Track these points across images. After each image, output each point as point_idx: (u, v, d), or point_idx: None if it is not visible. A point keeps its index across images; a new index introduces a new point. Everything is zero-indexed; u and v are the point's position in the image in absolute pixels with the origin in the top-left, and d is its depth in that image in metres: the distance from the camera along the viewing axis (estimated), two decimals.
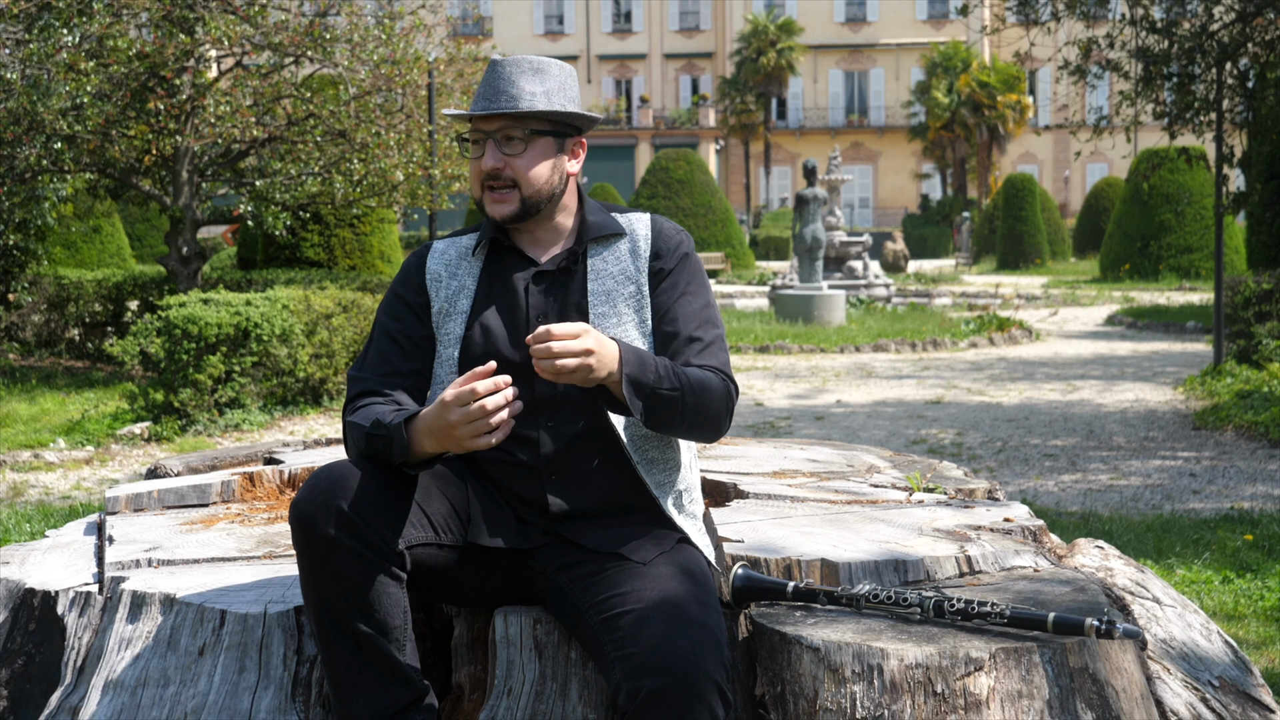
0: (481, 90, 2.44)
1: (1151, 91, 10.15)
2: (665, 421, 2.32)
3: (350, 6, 12.82)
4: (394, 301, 2.52)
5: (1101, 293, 24.15)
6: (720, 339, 2.46)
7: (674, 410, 2.30)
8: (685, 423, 2.34)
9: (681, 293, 2.46)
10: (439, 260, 2.53)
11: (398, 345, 2.47)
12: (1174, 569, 4.98)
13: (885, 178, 56.59)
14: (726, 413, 2.39)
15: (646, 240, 2.49)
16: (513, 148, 2.42)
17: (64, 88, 10.81)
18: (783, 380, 12.67)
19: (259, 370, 9.85)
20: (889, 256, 32.42)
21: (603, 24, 57.26)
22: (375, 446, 2.30)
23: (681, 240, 2.52)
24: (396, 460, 2.29)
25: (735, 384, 2.42)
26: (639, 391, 2.25)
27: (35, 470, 8.42)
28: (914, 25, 55.96)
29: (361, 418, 2.35)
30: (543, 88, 2.42)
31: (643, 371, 2.26)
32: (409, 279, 2.53)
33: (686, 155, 31.84)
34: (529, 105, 2.40)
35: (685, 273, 2.48)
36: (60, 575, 2.79)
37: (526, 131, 2.42)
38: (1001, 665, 2.15)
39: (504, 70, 2.42)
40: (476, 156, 2.45)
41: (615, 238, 2.50)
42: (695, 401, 2.32)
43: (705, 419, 2.36)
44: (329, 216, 14.16)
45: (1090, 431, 9.44)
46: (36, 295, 14.64)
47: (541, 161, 2.44)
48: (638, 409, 2.25)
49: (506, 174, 2.42)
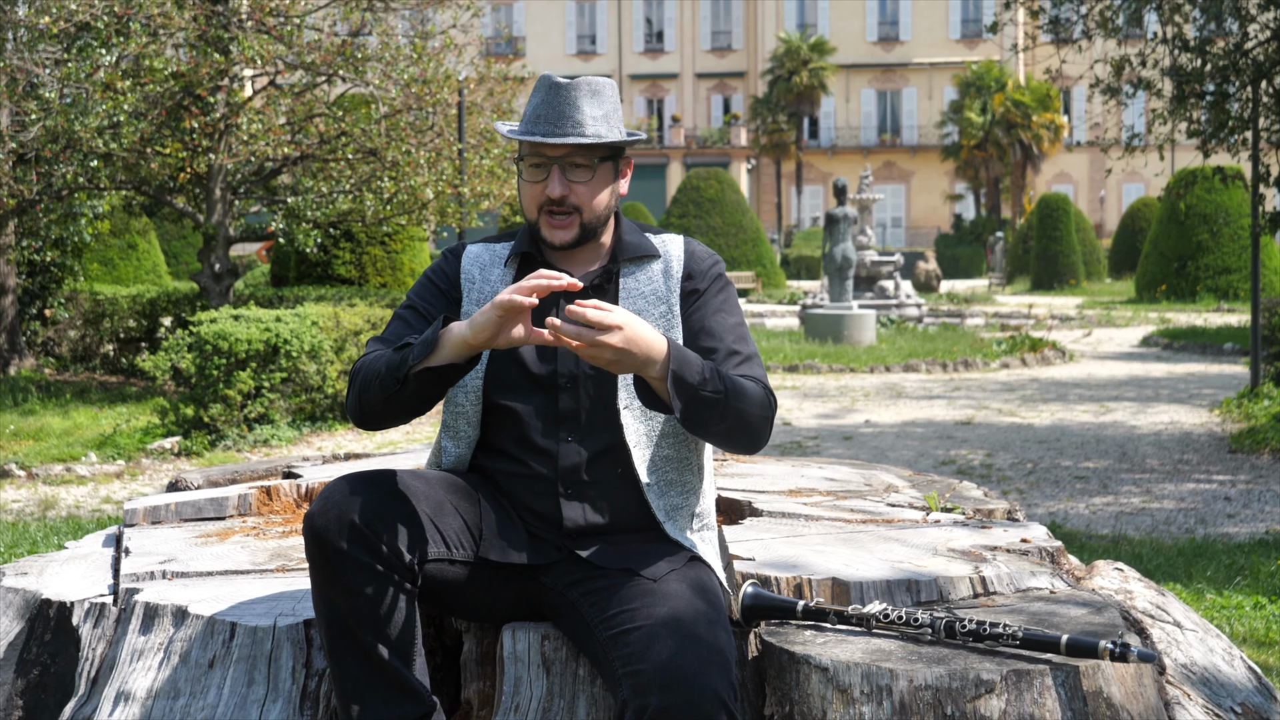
0: (542, 113, 2.39)
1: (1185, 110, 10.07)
2: (703, 424, 2.27)
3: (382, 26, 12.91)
4: (425, 285, 2.51)
5: (1137, 314, 23.96)
6: (756, 356, 2.44)
7: (714, 413, 2.25)
8: (724, 427, 2.29)
9: (717, 310, 2.45)
10: (473, 262, 2.52)
11: (421, 318, 2.46)
12: (1204, 594, 4.91)
13: (918, 197, 56.43)
14: (766, 423, 2.34)
15: (679, 261, 2.48)
16: (579, 175, 2.39)
17: (101, 106, 10.94)
18: (811, 400, 12.62)
19: (288, 386, 9.90)
20: (921, 276, 32.29)
21: (635, 44, 57.46)
22: (394, 360, 2.27)
23: (715, 263, 2.51)
24: (416, 358, 2.25)
25: (774, 396, 2.38)
26: (681, 390, 2.21)
27: (67, 484, 8.48)
28: (947, 44, 55.86)
29: (383, 349, 2.34)
30: (602, 111, 2.40)
31: (688, 370, 2.22)
32: (444, 269, 2.52)
33: (717, 174, 31.85)
34: (595, 133, 2.37)
35: (719, 293, 2.47)
36: (76, 586, 2.80)
37: (595, 160, 2.40)
38: (1013, 688, 2.12)
39: (568, 94, 2.38)
40: (537, 180, 2.41)
41: (649, 259, 2.49)
42: (736, 408, 2.28)
43: (744, 427, 2.31)
44: (360, 234, 14.24)
45: (1123, 454, 9.35)
46: (72, 311, 14.79)
47: (604, 188, 2.42)
48: (678, 408, 2.22)
49: (571, 201, 2.40)
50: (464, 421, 2.45)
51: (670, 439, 2.43)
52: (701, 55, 57.44)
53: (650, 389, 2.27)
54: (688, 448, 2.46)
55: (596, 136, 2.37)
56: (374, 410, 2.34)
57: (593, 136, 2.37)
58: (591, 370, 2.40)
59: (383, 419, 2.35)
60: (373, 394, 2.31)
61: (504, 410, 2.42)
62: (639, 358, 2.18)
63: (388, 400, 2.30)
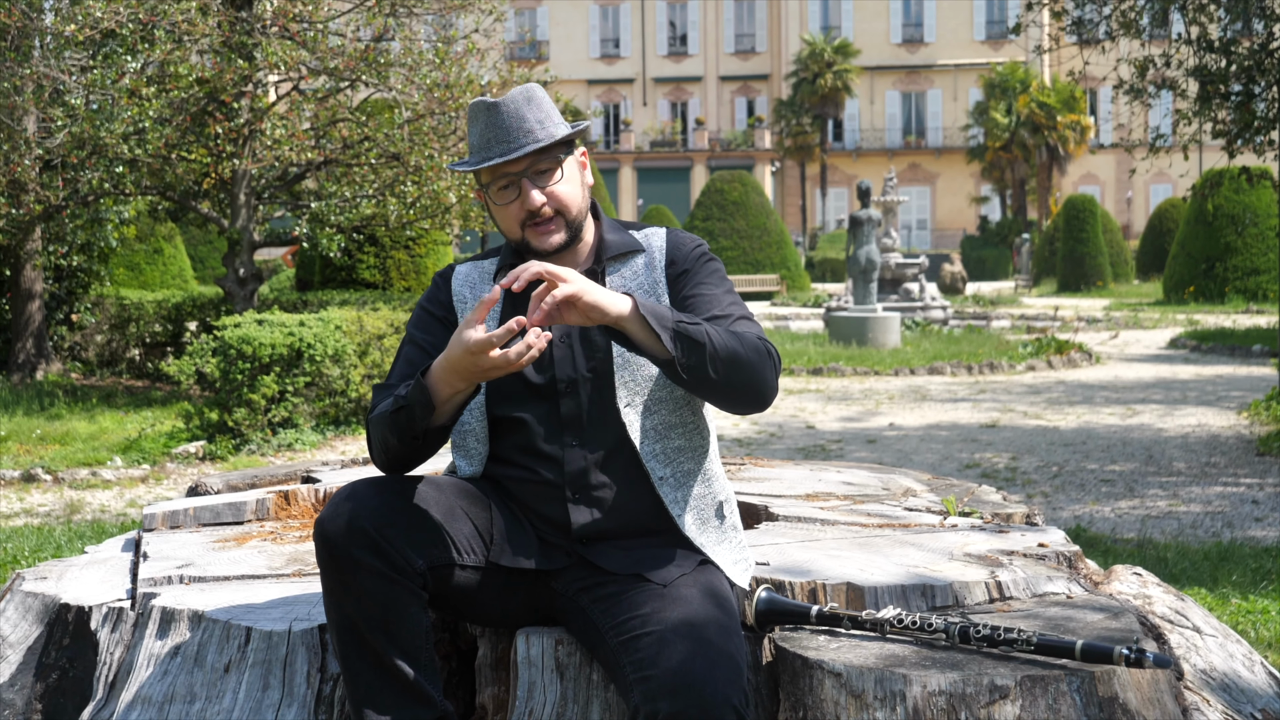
0: (489, 135, 2.40)
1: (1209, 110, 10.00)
2: (698, 367, 2.22)
3: (405, 31, 12.95)
4: (423, 316, 2.53)
5: (1165, 315, 23.80)
6: (750, 317, 2.41)
7: (704, 350, 2.21)
8: (722, 372, 2.24)
9: (702, 282, 2.44)
10: (462, 281, 2.54)
11: (427, 355, 2.47)
12: (1229, 598, 4.86)
13: (943, 199, 56.24)
14: (769, 370, 2.29)
15: (662, 252, 2.49)
16: (548, 179, 2.41)
17: (126, 113, 11.01)
18: (835, 403, 12.59)
19: (312, 390, 9.93)
20: (947, 278, 32.18)
21: (658, 47, 57.48)
22: (401, 421, 2.29)
23: (698, 245, 2.51)
24: (421, 422, 2.27)
25: (775, 349, 2.34)
26: (662, 323, 2.20)
27: (92, 488, 8.54)
28: (972, 46, 55.66)
29: (386, 405, 2.35)
30: (543, 113, 2.41)
31: (659, 309, 2.23)
32: (437, 295, 2.54)
33: (741, 177, 31.82)
34: (548, 134, 2.39)
35: (704, 268, 2.47)
36: (95, 591, 2.81)
37: (554, 159, 2.42)
38: (1027, 694, 2.10)
39: (506, 109, 2.40)
40: (510, 200, 2.42)
41: (633, 254, 2.49)
42: (726, 346, 2.24)
43: (743, 370, 2.26)
44: (384, 239, 14.29)
45: (1149, 456, 9.29)
46: (99, 316, 14.88)
47: (575, 183, 2.45)
48: (666, 338, 2.19)
49: (551, 205, 2.41)
50: (473, 439, 2.46)
51: (679, 429, 2.41)
52: (725, 58, 57.42)
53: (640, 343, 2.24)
54: (700, 435, 2.45)
55: (550, 137, 2.39)
56: (405, 464, 2.39)
57: (546, 138, 2.38)
58: (589, 373, 2.40)
59: (416, 464, 2.41)
60: (395, 454, 2.36)
61: (509, 421, 2.43)
62: (605, 298, 2.18)
63: (414, 457, 2.36)
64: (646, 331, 2.21)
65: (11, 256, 13.65)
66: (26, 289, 13.80)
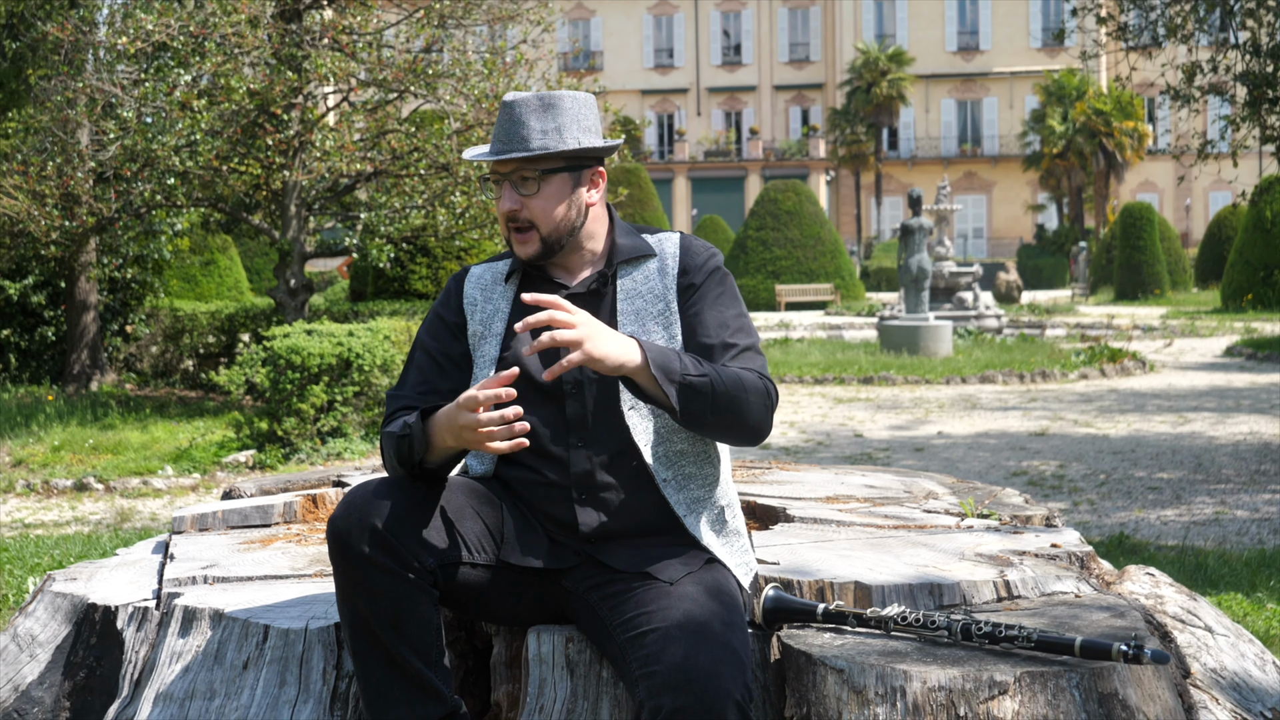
0: (496, 132, 2.45)
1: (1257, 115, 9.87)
2: (699, 414, 2.28)
3: (454, 42, 13.06)
4: (434, 322, 2.57)
5: (1222, 323, 23.47)
6: (756, 347, 2.44)
7: (707, 399, 2.27)
8: (720, 416, 2.30)
9: (711, 303, 2.46)
10: (475, 284, 2.57)
11: (436, 364, 2.52)
12: (1264, 603, 4.81)
13: (999, 207, 55.79)
14: (766, 411, 2.34)
15: (675, 258, 2.49)
16: (527, 189, 2.43)
17: (178, 125, 11.19)
18: (885, 411, 12.54)
19: (360, 400, 10.04)
20: (1002, 287, 31.93)
21: (712, 56, 57.51)
22: (403, 449, 2.35)
23: (711, 256, 2.51)
24: (417, 458, 2.33)
25: (774, 385, 2.39)
26: (669, 377, 2.25)
27: (143, 496, 8.68)
28: (1027, 53, 55.21)
29: (395, 427, 2.40)
30: (554, 123, 2.42)
31: (667, 359, 2.27)
32: (448, 300, 2.58)
33: (795, 186, 31.74)
34: (540, 145, 2.41)
35: (715, 286, 2.47)
36: (122, 591, 2.87)
37: (539, 172, 2.43)
38: (1027, 689, 2.11)
39: (514, 110, 2.43)
40: (498, 198, 2.48)
41: (645, 258, 2.51)
42: (728, 394, 2.29)
43: (741, 414, 2.32)
44: (436, 249, 14.40)
45: (1199, 464, 9.18)
46: (153, 327, 15.11)
47: (557, 201, 2.44)
48: (672, 394, 2.24)
49: (524, 215, 2.44)
50: None
51: (683, 433, 2.44)
52: (779, 67, 57.33)
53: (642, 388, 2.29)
54: (703, 440, 2.47)
55: (544, 149, 2.40)
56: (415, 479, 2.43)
57: (537, 149, 2.40)
58: (595, 375, 2.42)
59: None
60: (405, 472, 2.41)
61: None
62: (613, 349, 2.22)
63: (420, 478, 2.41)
64: (653, 384, 2.27)
65: (66, 269, 13.89)
66: (81, 301, 14.04)
